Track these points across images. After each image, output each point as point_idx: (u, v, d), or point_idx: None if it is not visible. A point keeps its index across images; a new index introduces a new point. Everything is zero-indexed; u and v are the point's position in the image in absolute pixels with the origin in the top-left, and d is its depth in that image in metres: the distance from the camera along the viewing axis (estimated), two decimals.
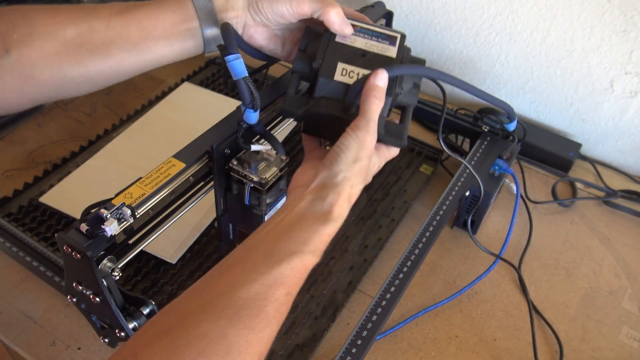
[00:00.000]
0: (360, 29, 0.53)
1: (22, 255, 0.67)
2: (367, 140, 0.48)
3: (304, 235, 0.44)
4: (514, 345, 0.65)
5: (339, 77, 0.50)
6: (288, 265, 0.42)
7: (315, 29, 0.55)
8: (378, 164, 0.52)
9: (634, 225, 0.81)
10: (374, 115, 0.48)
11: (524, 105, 0.97)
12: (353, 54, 0.52)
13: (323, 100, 0.50)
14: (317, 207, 0.45)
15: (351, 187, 0.47)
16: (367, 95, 0.49)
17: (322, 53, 0.51)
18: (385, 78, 0.50)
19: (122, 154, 0.82)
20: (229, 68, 0.50)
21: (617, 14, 0.79)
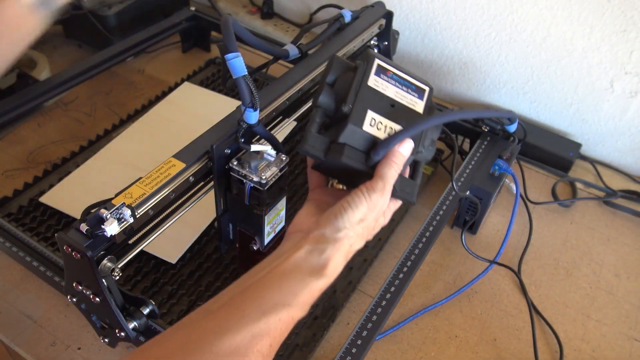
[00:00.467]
0: (392, 75, 0.52)
1: (22, 255, 0.67)
2: (378, 204, 0.47)
3: (295, 287, 0.43)
4: (514, 345, 0.65)
5: (367, 127, 0.48)
6: (275, 317, 0.41)
7: (345, 60, 0.53)
8: (384, 222, 0.52)
9: (634, 225, 0.81)
10: (392, 180, 0.48)
11: (524, 105, 0.97)
12: (383, 102, 0.50)
13: (347, 149, 0.48)
14: (313, 259, 0.45)
15: (350, 246, 0.47)
16: (389, 160, 0.48)
17: (354, 97, 0.49)
18: (410, 148, 0.49)
19: (122, 154, 0.82)
20: (229, 66, 0.49)
21: (617, 14, 0.79)
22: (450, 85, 1.03)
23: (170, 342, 0.40)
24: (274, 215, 0.59)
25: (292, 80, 0.66)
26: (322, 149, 0.49)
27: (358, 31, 0.77)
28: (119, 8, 1.01)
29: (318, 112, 0.50)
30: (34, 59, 0.98)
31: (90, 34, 1.05)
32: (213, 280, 0.67)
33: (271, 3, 1.17)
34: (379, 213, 0.48)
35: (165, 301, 0.65)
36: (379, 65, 0.52)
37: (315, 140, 0.49)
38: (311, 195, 0.54)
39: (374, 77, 0.51)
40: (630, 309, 0.70)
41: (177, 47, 1.10)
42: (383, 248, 0.74)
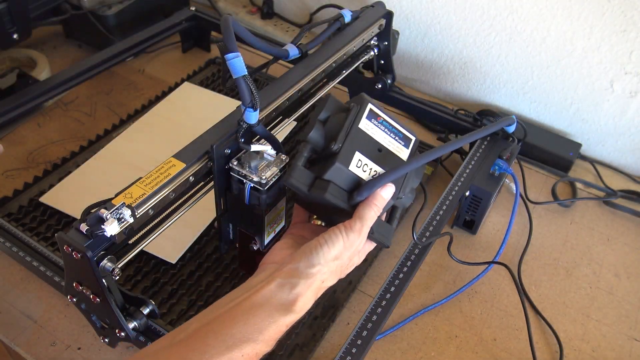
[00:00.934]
0: (382, 121, 0.54)
1: (22, 255, 0.67)
2: (354, 244, 0.48)
3: (262, 323, 0.43)
4: (514, 345, 0.65)
5: (353, 168, 0.50)
6: (239, 352, 0.41)
7: (339, 101, 0.55)
8: (357, 262, 0.53)
9: (634, 225, 0.81)
10: (370, 222, 0.49)
11: (524, 105, 0.97)
12: (371, 146, 0.52)
13: (332, 187, 0.49)
14: (283, 294, 0.45)
15: (322, 282, 0.47)
16: (371, 202, 0.49)
17: (344, 137, 0.50)
18: (391, 192, 0.50)
19: (122, 154, 0.82)
20: (229, 66, 0.49)
21: (617, 14, 0.79)
22: (450, 85, 1.03)
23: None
24: (274, 215, 0.59)
25: (292, 80, 0.66)
26: (307, 183, 0.50)
27: (358, 31, 0.77)
28: (119, 8, 1.01)
29: (307, 147, 0.52)
30: (34, 59, 0.98)
31: (90, 34, 1.05)
32: (213, 280, 0.67)
33: (271, 3, 1.17)
34: (354, 252, 0.49)
35: (165, 301, 0.65)
36: (371, 110, 0.53)
37: (301, 174, 0.50)
38: (290, 230, 0.55)
39: (365, 121, 0.53)
40: (630, 309, 0.70)
41: (177, 47, 1.10)
42: (383, 248, 0.74)
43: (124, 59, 0.90)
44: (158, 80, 1.01)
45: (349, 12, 0.77)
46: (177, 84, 0.98)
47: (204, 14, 1.02)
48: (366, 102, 0.54)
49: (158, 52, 1.08)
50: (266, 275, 0.47)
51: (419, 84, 1.07)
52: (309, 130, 0.52)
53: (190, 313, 0.64)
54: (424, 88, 1.07)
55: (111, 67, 0.89)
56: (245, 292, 0.46)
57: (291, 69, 0.69)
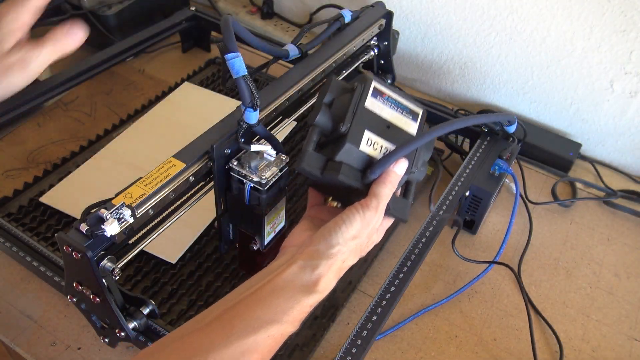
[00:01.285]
0: (388, 98, 0.53)
1: (22, 255, 0.67)
2: (372, 222, 0.48)
3: (286, 304, 0.43)
4: (514, 345, 0.65)
5: (363, 147, 0.50)
6: (265, 333, 0.42)
7: (343, 82, 0.55)
8: (376, 240, 0.53)
9: (634, 225, 0.81)
10: (386, 199, 0.49)
11: (524, 105, 0.97)
12: (379, 123, 0.51)
13: (344, 167, 0.49)
14: (305, 275, 0.45)
15: (343, 262, 0.48)
16: (385, 179, 0.49)
17: (351, 117, 0.50)
18: (404, 168, 0.50)
19: (122, 154, 0.82)
20: (229, 66, 0.49)
21: (617, 14, 0.79)
22: (450, 85, 1.03)
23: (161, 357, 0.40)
24: (274, 215, 0.59)
25: (292, 80, 0.66)
26: (319, 167, 0.50)
27: (358, 31, 0.77)
28: (119, 8, 1.01)
29: (315, 130, 0.52)
30: None
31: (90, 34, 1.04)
32: (213, 280, 0.67)
33: (271, 3, 1.17)
34: (372, 230, 0.49)
35: (165, 301, 0.65)
36: (375, 88, 0.53)
37: (312, 159, 0.50)
38: (308, 212, 0.55)
39: (371, 99, 0.52)
40: (630, 309, 0.70)
41: (177, 47, 1.10)
42: (383, 248, 0.74)
43: (124, 59, 0.90)
44: (158, 80, 1.01)
45: (349, 12, 0.77)
46: (177, 84, 0.98)
47: (204, 14, 1.02)
48: (370, 80, 0.53)
49: (158, 52, 1.08)
50: (287, 259, 0.47)
51: (419, 84, 1.07)
52: (315, 115, 0.51)
53: (190, 313, 0.64)
54: (424, 88, 1.07)
55: (111, 67, 0.89)
56: (267, 275, 0.46)
57: (291, 69, 0.69)
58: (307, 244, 0.47)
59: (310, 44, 0.72)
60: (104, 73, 0.89)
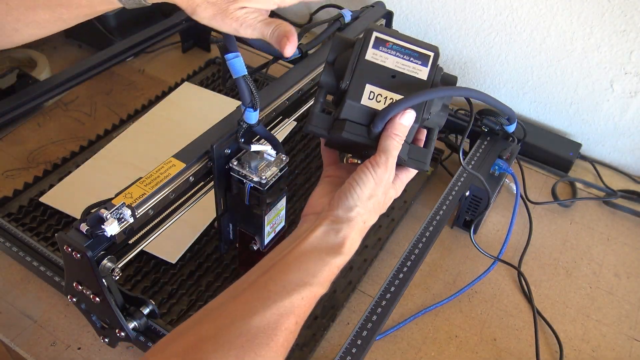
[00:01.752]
0: (392, 46, 0.51)
1: (22, 255, 0.67)
2: (384, 178, 0.48)
3: (314, 267, 0.45)
4: (513, 345, 0.65)
5: (365, 101, 0.49)
6: (299, 295, 0.43)
7: (345, 37, 0.53)
8: (395, 194, 0.52)
9: (634, 225, 0.81)
10: (394, 152, 0.48)
11: (524, 105, 0.97)
12: (382, 74, 0.50)
13: (348, 124, 0.49)
14: (330, 238, 0.46)
15: (364, 222, 0.48)
16: (390, 132, 0.48)
17: (351, 73, 0.49)
18: (411, 118, 0.49)
19: (122, 154, 0.82)
20: (229, 66, 0.50)
21: (617, 14, 0.79)
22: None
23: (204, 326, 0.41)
24: (274, 215, 0.59)
25: (292, 80, 0.66)
26: (326, 127, 0.50)
27: (358, 31, 0.77)
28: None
29: (321, 92, 0.52)
30: (34, 59, 0.98)
31: (90, 34, 1.05)
32: (213, 280, 0.67)
33: None
34: (386, 186, 0.49)
35: (165, 301, 0.65)
36: (377, 38, 0.51)
37: (319, 119, 0.50)
38: (325, 172, 0.55)
39: (372, 51, 0.51)
40: (630, 308, 0.70)
41: (177, 47, 1.10)
42: (383, 248, 0.74)
43: (124, 59, 0.90)
44: (158, 80, 1.01)
45: (349, 12, 0.77)
46: (177, 84, 0.98)
47: None
48: (371, 31, 0.51)
49: (158, 52, 1.08)
50: (308, 226, 0.48)
51: None
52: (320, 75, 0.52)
53: (190, 313, 0.64)
54: None
55: (111, 67, 0.89)
56: (293, 242, 0.47)
57: (291, 69, 0.69)
58: (327, 210, 0.48)
59: (310, 44, 0.72)
60: (104, 73, 0.89)
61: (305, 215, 0.51)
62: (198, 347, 0.39)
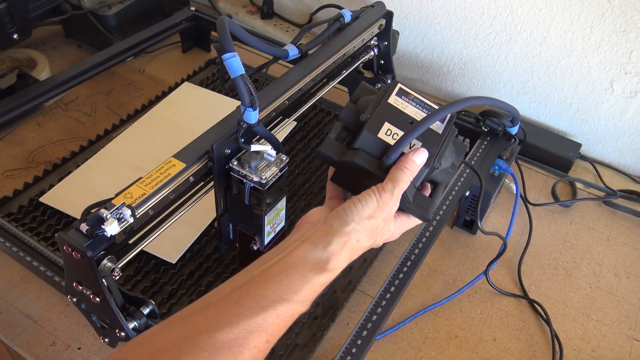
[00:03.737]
0: (413, 98, 0.54)
1: (22, 255, 0.67)
2: (388, 204, 0.48)
3: (296, 283, 0.43)
4: (513, 345, 0.65)
5: (382, 136, 0.50)
6: (274, 312, 0.41)
7: (370, 86, 0.56)
8: (394, 231, 0.52)
9: (634, 225, 0.81)
10: (402, 184, 0.48)
11: (524, 105, 0.97)
12: (401, 118, 0.52)
13: (361, 153, 0.50)
14: (317, 252, 0.44)
15: (357, 241, 0.47)
16: (401, 165, 0.49)
17: (372, 108, 0.52)
18: (424, 157, 0.50)
19: (122, 154, 0.82)
20: (226, 66, 0.49)
21: (617, 14, 0.79)
22: (450, 85, 1.03)
23: (168, 334, 0.40)
24: (274, 215, 0.59)
25: (292, 80, 0.66)
26: (337, 153, 0.51)
27: (358, 31, 0.77)
28: (119, 8, 1.01)
29: (339, 124, 0.54)
30: (34, 59, 0.98)
31: (90, 34, 1.05)
32: (213, 280, 0.67)
33: (271, 3, 1.17)
34: (388, 215, 0.49)
35: (165, 301, 0.65)
36: (400, 88, 0.54)
37: (333, 146, 0.52)
38: (327, 203, 0.55)
39: (395, 97, 0.53)
40: (630, 308, 0.70)
41: (177, 47, 1.10)
42: (383, 248, 0.74)
43: (124, 59, 0.90)
44: (158, 80, 1.01)
45: (348, 12, 0.77)
46: (177, 84, 0.98)
47: (204, 14, 1.02)
48: (396, 83, 0.55)
49: (158, 52, 1.08)
50: (300, 235, 0.47)
51: (419, 84, 1.07)
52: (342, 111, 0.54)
53: None
54: (424, 88, 1.07)
55: (111, 67, 0.89)
56: (279, 253, 0.45)
57: (291, 69, 0.69)
58: (322, 222, 0.47)
59: (310, 44, 0.72)
60: (104, 73, 0.89)
61: (299, 225, 0.50)
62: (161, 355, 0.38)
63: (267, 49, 0.64)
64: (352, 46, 0.75)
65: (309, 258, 0.44)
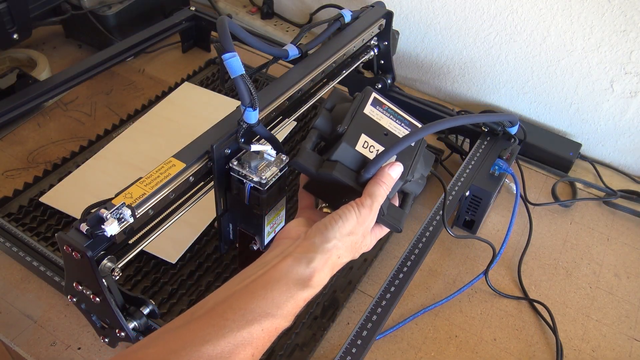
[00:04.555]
0: (387, 109, 0.55)
1: (22, 255, 0.67)
2: (367, 219, 0.48)
3: (280, 298, 0.43)
4: (514, 345, 0.65)
5: (360, 149, 0.51)
6: (259, 326, 0.41)
7: (343, 92, 0.56)
8: (369, 244, 0.53)
9: (634, 225, 0.81)
10: (380, 199, 0.49)
11: (524, 105, 0.97)
12: (377, 129, 0.53)
13: (339, 166, 0.50)
14: (300, 269, 0.45)
15: (338, 257, 0.47)
16: (378, 179, 0.49)
17: (349, 120, 0.52)
18: (399, 171, 0.50)
19: (122, 153, 0.82)
20: (226, 66, 0.49)
21: (617, 14, 0.79)
22: (450, 85, 1.03)
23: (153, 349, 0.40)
24: (274, 215, 0.59)
25: (292, 80, 0.66)
26: (314, 165, 0.51)
27: (358, 31, 0.77)
28: (119, 8, 1.01)
29: (315, 133, 0.53)
30: (34, 59, 0.98)
31: (90, 34, 1.05)
32: (213, 280, 0.67)
33: (271, 3, 1.17)
34: (366, 229, 0.49)
35: (165, 301, 0.65)
36: (375, 98, 0.55)
37: (309, 156, 0.51)
38: (300, 214, 0.55)
39: (370, 107, 0.54)
40: (630, 308, 0.70)
41: (177, 47, 1.10)
42: (383, 248, 0.74)
43: (124, 59, 0.90)
44: (158, 80, 1.01)
45: (348, 12, 0.77)
46: (177, 84, 0.98)
47: (204, 14, 1.02)
48: (370, 91, 0.55)
49: (158, 52, 1.08)
50: (281, 250, 0.47)
51: (419, 84, 1.07)
52: (316, 119, 0.53)
53: None
54: (424, 88, 1.07)
55: (111, 67, 0.89)
56: (262, 267, 0.45)
57: (291, 69, 0.69)
58: (303, 238, 0.47)
59: (310, 44, 0.72)
60: (104, 73, 0.89)
61: (278, 239, 0.50)
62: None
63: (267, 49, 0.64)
64: (352, 46, 0.75)
65: (292, 273, 0.44)
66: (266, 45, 0.64)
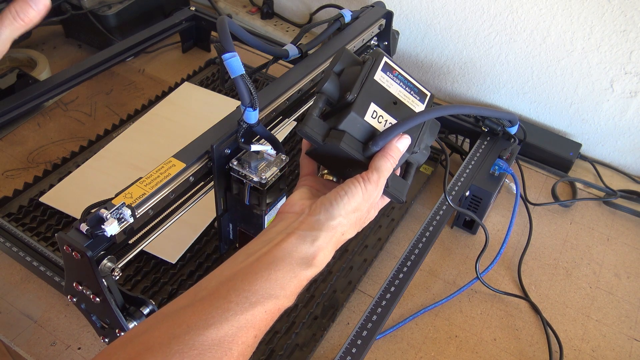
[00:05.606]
0: (398, 75, 0.53)
1: (22, 255, 0.67)
2: (373, 195, 0.48)
3: (283, 278, 0.42)
4: (514, 345, 0.65)
5: (368, 118, 0.49)
6: (262, 308, 0.41)
7: (353, 54, 0.54)
8: (373, 216, 0.52)
9: (634, 225, 0.81)
10: (387, 173, 0.48)
11: (524, 106, 0.97)
12: (386, 98, 0.51)
13: (347, 136, 0.48)
14: (304, 247, 0.44)
15: (342, 234, 0.47)
16: (386, 153, 0.48)
17: (359, 87, 0.50)
18: (407, 144, 0.49)
19: (122, 154, 0.82)
20: (226, 66, 0.50)
21: (617, 14, 0.79)
22: (450, 85, 1.03)
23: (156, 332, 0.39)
24: (274, 215, 0.59)
25: (292, 80, 0.66)
26: (321, 134, 0.49)
27: (358, 31, 0.77)
28: (119, 8, 1.01)
29: (322, 98, 0.51)
30: (34, 59, 0.98)
31: (90, 34, 1.05)
32: None
33: (271, 3, 1.17)
34: (371, 205, 0.49)
35: (165, 301, 0.65)
36: (386, 63, 0.52)
37: (316, 124, 0.49)
38: (302, 181, 0.54)
39: (380, 73, 0.52)
40: (630, 309, 0.70)
41: (177, 47, 1.10)
42: (383, 248, 0.74)
43: (124, 59, 0.90)
44: (158, 80, 1.01)
45: (348, 12, 0.77)
46: (177, 84, 0.98)
47: (204, 14, 1.02)
48: (381, 55, 0.53)
49: (158, 52, 1.08)
50: (285, 226, 0.46)
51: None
52: (323, 82, 0.51)
53: None
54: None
55: (111, 67, 0.89)
56: (266, 244, 0.45)
57: (291, 69, 0.69)
58: (307, 214, 0.46)
59: (310, 44, 0.72)
60: (104, 73, 0.89)
61: (282, 213, 0.49)
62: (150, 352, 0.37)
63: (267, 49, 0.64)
64: (352, 46, 0.75)
65: (296, 252, 0.44)
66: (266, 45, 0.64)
